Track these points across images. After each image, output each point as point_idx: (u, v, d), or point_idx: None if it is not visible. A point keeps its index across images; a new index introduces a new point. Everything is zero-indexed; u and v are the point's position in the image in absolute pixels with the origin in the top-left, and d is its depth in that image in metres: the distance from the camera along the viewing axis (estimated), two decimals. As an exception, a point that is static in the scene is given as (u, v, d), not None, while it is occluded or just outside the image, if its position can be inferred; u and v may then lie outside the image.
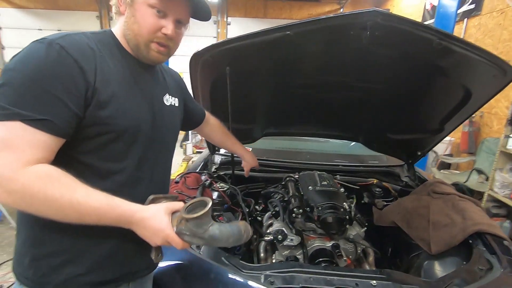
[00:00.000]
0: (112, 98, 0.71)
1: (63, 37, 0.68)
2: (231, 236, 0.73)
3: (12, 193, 0.61)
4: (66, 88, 0.65)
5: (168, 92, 0.92)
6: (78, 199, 0.63)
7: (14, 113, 0.61)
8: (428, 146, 1.77)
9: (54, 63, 0.64)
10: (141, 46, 0.78)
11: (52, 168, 0.64)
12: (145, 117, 0.80)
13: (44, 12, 7.94)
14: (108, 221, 0.67)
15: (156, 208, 0.71)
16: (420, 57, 1.21)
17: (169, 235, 0.69)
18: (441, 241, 1.29)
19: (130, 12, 0.76)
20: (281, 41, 1.11)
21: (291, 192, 1.54)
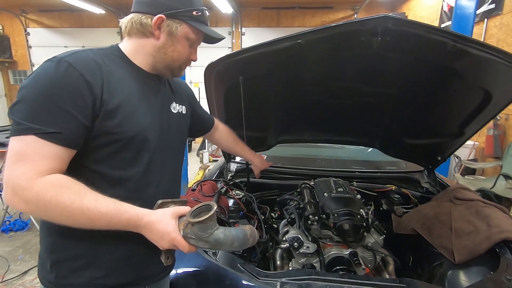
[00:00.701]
0: (119, 108, 0.76)
1: (71, 54, 0.73)
2: (235, 240, 0.74)
3: (28, 202, 0.65)
4: (74, 101, 0.69)
5: (175, 100, 0.97)
6: (87, 205, 0.66)
7: (27, 128, 0.66)
8: (448, 151, 1.72)
9: (62, 79, 0.69)
10: (175, 68, 0.89)
11: (62, 177, 0.68)
12: (152, 125, 0.84)
13: (70, 30, 8.43)
14: (117, 226, 0.70)
15: (163, 212, 0.74)
16: (434, 60, 1.20)
17: (175, 238, 0.71)
18: (464, 249, 1.23)
19: (171, 42, 0.84)
20: (292, 50, 1.13)
21: (307, 199, 1.53)
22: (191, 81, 7.71)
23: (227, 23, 7.82)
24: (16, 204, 0.66)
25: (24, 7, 8.31)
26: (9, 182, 0.66)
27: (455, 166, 3.88)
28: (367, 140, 2.01)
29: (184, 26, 0.83)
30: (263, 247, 1.41)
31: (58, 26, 8.46)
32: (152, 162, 0.84)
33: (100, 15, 7.86)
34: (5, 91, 9.09)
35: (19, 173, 0.65)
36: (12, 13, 8.32)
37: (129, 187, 0.80)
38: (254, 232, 0.78)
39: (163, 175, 0.89)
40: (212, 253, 1.18)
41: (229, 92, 1.43)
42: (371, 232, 1.41)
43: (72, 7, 7.18)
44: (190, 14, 0.83)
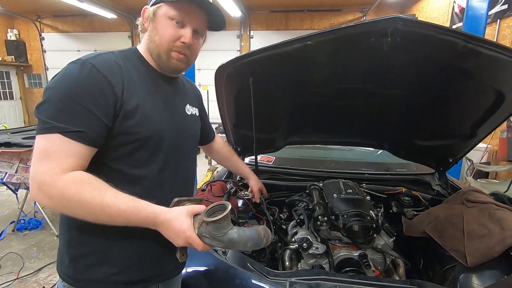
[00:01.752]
0: (138, 109, 0.78)
1: (95, 57, 0.76)
2: (249, 240, 0.75)
3: (52, 198, 0.68)
4: (97, 101, 0.72)
5: (189, 103, 0.99)
6: (108, 202, 0.69)
7: (53, 126, 0.69)
8: (460, 153, 1.69)
9: (86, 80, 0.72)
10: (162, 55, 0.84)
11: (84, 174, 0.71)
12: (168, 125, 0.86)
13: (83, 34, 8.65)
14: (136, 223, 0.73)
15: (179, 210, 0.75)
16: (445, 61, 1.19)
17: (190, 236, 0.73)
18: (477, 252, 1.21)
19: (153, 26, 0.84)
20: (302, 51, 1.14)
21: (316, 200, 1.53)
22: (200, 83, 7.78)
23: (235, 27, 7.90)
24: (41, 199, 0.69)
25: (40, 13, 8.58)
26: (34, 178, 0.68)
27: (467, 169, 3.81)
28: (376, 142, 2.00)
29: (162, 6, 0.82)
30: (272, 247, 1.42)
31: (71, 30, 8.70)
32: (167, 162, 0.86)
33: (111, 19, 8.04)
34: (20, 94, 9.37)
35: (44, 170, 0.68)
36: (28, 19, 8.60)
37: (145, 186, 0.82)
38: (268, 232, 0.79)
39: (177, 175, 0.92)
40: (222, 252, 1.19)
41: (239, 93, 1.45)
42: (381, 234, 1.40)
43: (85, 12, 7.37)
44: None
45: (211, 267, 1.11)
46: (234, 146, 1.77)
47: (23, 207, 3.24)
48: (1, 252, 2.76)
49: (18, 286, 2.33)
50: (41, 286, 2.29)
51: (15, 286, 2.33)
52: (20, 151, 2.78)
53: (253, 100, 1.40)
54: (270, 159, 2.23)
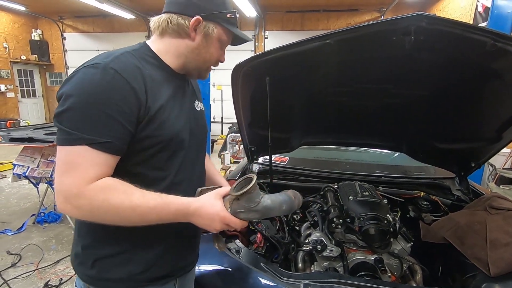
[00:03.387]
0: (159, 112, 0.77)
1: (114, 60, 0.73)
2: (283, 204, 0.76)
3: (81, 208, 0.68)
4: (122, 109, 0.70)
5: (197, 99, 1.00)
6: (137, 203, 0.69)
7: (79, 138, 0.67)
8: (483, 157, 1.62)
9: (109, 86, 0.70)
10: (204, 69, 0.90)
11: (110, 180, 0.70)
12: (185, 125, 0.86)
13: (102, 35, 8.90)
14: (167, 218, 0.73)
15: (206, 196, 0.76)
16: (471, 61, 1.14)
17: (225, 217, 0.73)
18: (501, 261, 1.16)
19: (206, 43, 0.85)
20: (321, 50, 1.12)
21: (330, 202, 1.51)
22: (214, 83, 7.85)
23: (250, 27, 7.91)
24: (69, 211, 0.69)
25: (62, 13, 8.89)
26: (60, 191, 0.68)
27: (489, 175, 3.67)
28: (394, 144, 1.94)
29: (219, 28, 0.85)
30: (285, 248, 1.41)
31: (91, 31, 8.96)
32: (185, 160, 0.87)
33: (130, 20, 8.24)
34: (42, 92, 9.74)
35: (70, 182, 0.67)
36: (51, 19, 8.93)
37: (165, 186, 0.81)
38: (298, 194, 0.80)
39: (194, 171, 0.93)
40: (235, 251, 1.19)
41: (255, 93, 1.44)
42: (398, 238, 1.36)
43: (105, 12, 7.58)
44: (224, 16, 0.85)
45: (224, 266, 1.11)
46: (248, 146, 1.76)
47: (43, 201, 3.36)
48: (22, 243, 2.87)
49: (38, 276, 2.41)
50: (58, 278, 2.37)
51: (34, 277, 2.41)
52: (42, 147, 2.88)
53: (269, 100, 1.39)
54: (284, 159, 2.21)
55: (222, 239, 0.86)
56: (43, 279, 2.37)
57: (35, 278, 2.40)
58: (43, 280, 2.35)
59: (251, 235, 1.42)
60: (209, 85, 3.75)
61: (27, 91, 9.32)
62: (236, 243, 1.24)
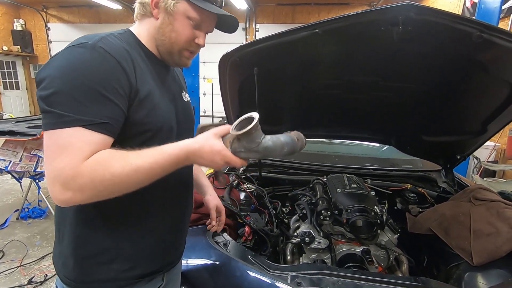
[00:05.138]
0: (148, 98, 0.74)
1: (101, 40, 0.69)
2: (285, 145, 0.73)
3: (84, 189, 0.62)
4: (116, 89, 0.67)
5: (184, 89, 0.97)
6: (137, 163, 0.65)
7: (74, 119, 0.62)
8: (469, 149, 1.65)
9: (102, 66, 0.66)
10: (175, 52, 0.81)
11: (102, 151, 0.65)
12: (173, 114, 0.83)
13: (88, 25, 8.64)
14: (171, 167, 0.70)
15: (204, 136, 0.72)
16: (458, 52, 1.14)
17: (226, 155, 0.70)
18: (484, 251, 1.19)
19: (168, 20, 0.78)
20: (309, 40, 1.10)
21: (319, 195, 1.51)
22: (205, 77, 7.75)
23: (241, 19, 7.81)
24: (69, 198, 0.62)
25: (46, 3, 8.56)
26: (55, 178, 0.62)
27: (474, 168, 3.76)
28: (383, 137, 1.96)
29: (182, 2, 0.77)
30: (274, 241, 1.41)
31: (77, 21, 8.68)
32: None
33: (117, 10, 8.00)
34: (26, 85, 9.42)
35: (65, 164, 0.61)
36: (34, 9, 8.60)
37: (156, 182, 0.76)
38: (301, 136, 0.77)
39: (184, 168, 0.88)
40: (223, 244, 1.18)
41: (243, 84, 1.42)
42: (385, 230, 1.38)
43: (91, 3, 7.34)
44: None
45: (212, 260, 1.10)
46: (237, 138, 1.74)
47: (27, 196, 3.26)
48: (5, 239, 2.79)
49: (22, 273, 2.35)
50: (43, 274, 2.31)
51: (18, 273, 2.35)
52: (24, 140, 2.78)
53: (257, 91, 1.37)
54: (273, 152, 2.20)
55: (222, 174, 0.82)
56: (27, 276, 2.31)
57: (18, 274, 2.34)
58: (27, 277, 2.29)
59: (239, 228, 1.41)
60: (198, 78, 3.68)
61: (10, 84, 8.98)
62: (224, 236, 1.23)
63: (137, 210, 0.79)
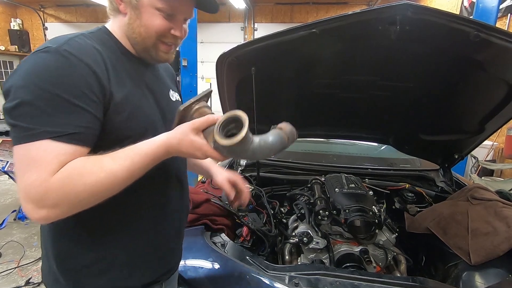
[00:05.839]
0: (126, 101, 0.68)
1: (67, 42, 0.63)
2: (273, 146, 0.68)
3: (58, 204, 0.58)
4: (86, 95, 0.61)
5: (171, 88, 0.89)
6: (112, 168, 0.61)
7: (40, 132, 0.57)
8: (466, 149, 1.65)
9: (68, 71, 0.60)
10: (150, 48, 0.75)
11: (72, 161, 0.60)
12: (158, 116, 0.78)
13: (86, 25, 8.58)
14: (149, 165, 0.66)
15: (183, 130, 0.66)
16: (455, 51, 1.14)
17: (207, 151, 0.66)
18: (482, 250, 1.19)
19: (135, 15, 0.71)
20: (307, 40, 1.10)
21: (317, 194, 1.51)
22: (203, 76, 7.73)
23: (239, 19, 7.80)
24: (46, 216, 0.58)
25: (43, 2, 8.51)
26: (26, 197, 0.57)
27: (472, 167, 3.77)
28: (381, 136, 1.96)
29: None
30: (272, 241, 1.40)
31: (74, 20, 8.64)
32: None
33: (115, 10, 7.96)
34: (23, 84, 9.36)
35: (33, 181, 0.56)
36: (31, 8, 8.55)
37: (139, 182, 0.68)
38: (291, 130, 0.71)
39: (171, 165, 0.83)
40: (221, 245, 1.18)
41: (241, 84, 1.41)
42: (383, 230, 1.38)
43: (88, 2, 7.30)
44: None
45: (209, 260, 1.10)
46: (235, 138, 1.74)
47: (24, 196, 3.25)
48: (2, 240, 2.78)
49: (19, 274, 2.34)
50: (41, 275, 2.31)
51: (15, 274, 2.34)
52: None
53: (254, 91, 1.36)
54: (271, 152, 2.19)
55: None
56: (24, 277, 2.30)
57: (16, 275, 2.33)
58: (25, 278, 2.28)
59: (237, 228, 1.41)
60: (196, 77, 3.67)
61: (7, 83, 8.94)
62: (222, 236, 1.22)
63: (123, 215, 0.74)
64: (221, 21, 7.78)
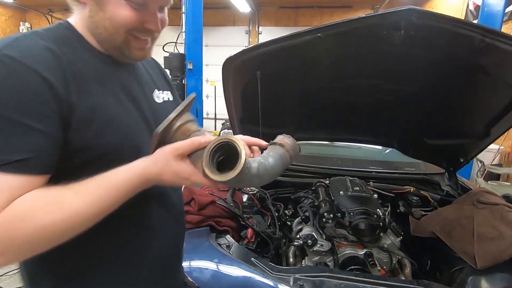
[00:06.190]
0: (95, 111, 0.56)
1: (10, 44, 0.51)
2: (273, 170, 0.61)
3: (6, 251, 0.47)
4: (35, 110, 0.49)
5: (157, 87, 0.76)
6: (74, 206, 0.50)
7: None
8: (472, 153, 1.65)
9: (9, 82, 0.49)
10: (120, 45, 0.61)
11: (22, 197, 0.48)
12: (141, 126, 0.65)
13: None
14: (123, 199, 0.55)
15: (165, 155, 0.55)
16: (460, 56, 1.15)
17: (196, 180, 0.55)
18: (488, 255, 1.18)
19: (97, 6, 0.58)
20: (312, 44, 1.12)
21: (322, 197, 1.51)
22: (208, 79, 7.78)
23: (244, 22, 7.86)
24: None
25: (51, 6, 8.66)
26: None
27: (477, 171, 3.73)
28: (385, 140, 1.96)
29: None
30: (276, 243, 1.41)
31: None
32: None
33: (121, 14, 8.07)
34: (31, 87, 9.51)
35: None
36: (39, 12, 8.70)
37: (123, 211, 0.57)
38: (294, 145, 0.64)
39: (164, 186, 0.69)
40: (226, 246, 1.19)
41: (247, 87, 1.43)
42: (388, 233, 1.38)
43: (96, 6, 7.40)
44: None
45: (214, 261, 1.11)
46: (240, 141, 1.75)
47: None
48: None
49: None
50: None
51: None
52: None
53: (260, 94, 1.38)
54: (276, 155, 2.20)
55: None
56: (31, 277, 2.33)
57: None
58: (32, 278, 2.31)
59: (242, 230, 1.42)
60: (201, 80, 3.71)
61: (16, 86, 9.10)
62: (227, 238, 1.24)
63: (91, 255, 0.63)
64: (226, 24, 7.86)
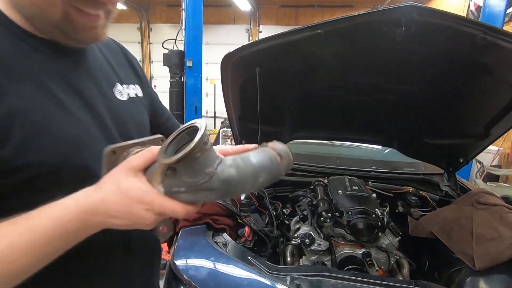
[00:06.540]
0: (14, 119, 0.42)
1: None
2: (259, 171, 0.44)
3: None
4: None
5: (120, 81, 0.61)
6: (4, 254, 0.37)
7: None
8: (472, 153, 1.64)
9: None
10: (59, 21, 0.45)
11: None
12: (91, 135, 0.50)
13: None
14: (62, 243, 0.40)
15: (110, 179, 0.42)
16: (461, 54, 1.14)
17: (153, 201, 0.40)
18: (486, 256, 1.17)
19: None
20: (311, 40, 1.10)
21: (320, 196, 1.50)
22: (208, 77, 7.77)
23: (245, 21, 7.84)
24: None
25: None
26: None
27: (477, 172, 3.73)
28: (385, 139, 1.95)
29: None
30: (274, 242, 1.40)
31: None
32: None
33: (121, 10, 8.05)
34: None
35: None
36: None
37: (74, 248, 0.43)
38: (286, 151, 0.50)
39: None
40: (222, 245, 1.18)
41: (245, 84, 1.42)
42: (386, 233, 1.37)
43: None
44: None
45: (210, 260, 1.10)
46: (238, 139, 1.74)
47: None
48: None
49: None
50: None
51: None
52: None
53: (259, 91, 1.37)
54: (275, 153, 2.20)
55: (167, 224, 0.50)
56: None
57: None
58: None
59: (239, 229, 1.41)
60: (201, 78, 3.69)
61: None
62: (224, 236, 1.23)
63: None
64: (227, 23, 7.84)
